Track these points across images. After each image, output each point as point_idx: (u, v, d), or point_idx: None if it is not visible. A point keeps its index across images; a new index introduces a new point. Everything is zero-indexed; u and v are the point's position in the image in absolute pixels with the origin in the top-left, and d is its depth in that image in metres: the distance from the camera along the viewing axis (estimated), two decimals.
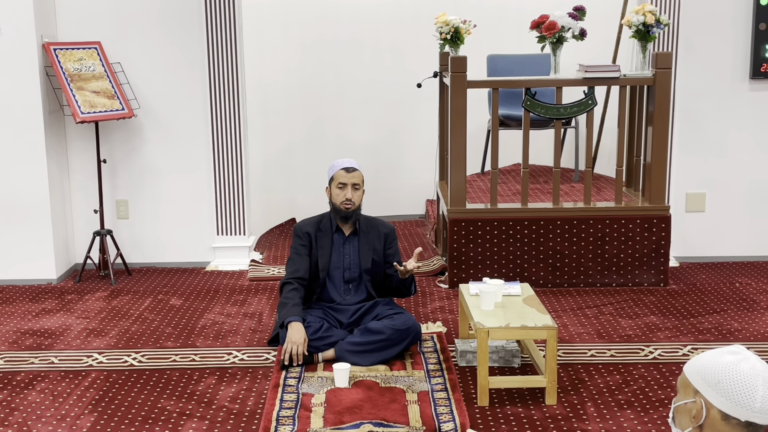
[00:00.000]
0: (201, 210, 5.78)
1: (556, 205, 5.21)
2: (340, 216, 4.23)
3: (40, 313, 4.89)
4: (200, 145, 5.70)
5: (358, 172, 4.21)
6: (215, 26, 5.54)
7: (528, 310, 3.82)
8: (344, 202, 4.18)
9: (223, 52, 5.57)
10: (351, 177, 4.19)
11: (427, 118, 6.75)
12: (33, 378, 3.97)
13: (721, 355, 1.83)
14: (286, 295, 4.18)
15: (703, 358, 1.85)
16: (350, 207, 4.19)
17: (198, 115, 5.67)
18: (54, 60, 5.27)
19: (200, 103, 5.65)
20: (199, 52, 5.59)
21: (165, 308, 4.95)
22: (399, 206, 7.00)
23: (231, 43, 5.56)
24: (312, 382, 3.80)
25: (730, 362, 1.80)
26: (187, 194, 5.77)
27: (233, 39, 5.56)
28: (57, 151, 5.54)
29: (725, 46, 5.54)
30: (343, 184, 4.19)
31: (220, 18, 5.53)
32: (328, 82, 6.91)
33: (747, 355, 1.82)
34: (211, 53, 5.57)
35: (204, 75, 5.61)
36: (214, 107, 5.63)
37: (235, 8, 5.53)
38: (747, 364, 1.80)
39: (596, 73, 5.12)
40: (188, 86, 5.64)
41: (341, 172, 4.20)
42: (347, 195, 4.17)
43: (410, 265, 4.07)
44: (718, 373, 1.80)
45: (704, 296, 5.03)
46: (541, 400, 3.65)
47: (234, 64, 5.59)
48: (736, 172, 5.68)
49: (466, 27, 5.26)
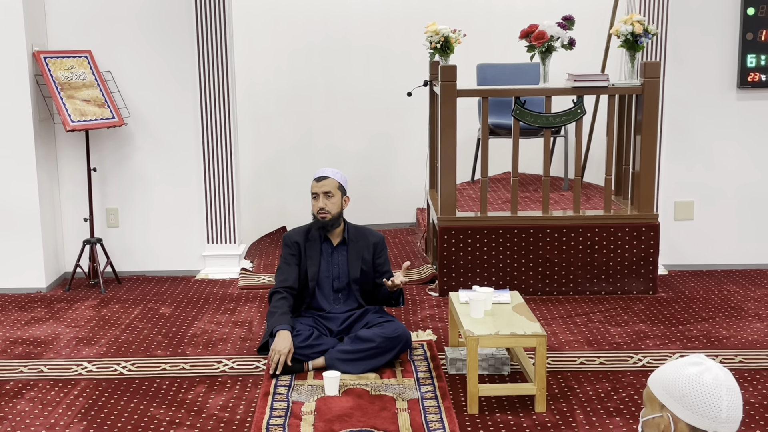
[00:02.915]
0: (191, 218, 5.78)
1: (546, 214, 5.23)
2: (318, 226, 4.24)
3: (29, 321, 4.88)
4: (190, 153, 5.70)
5: (329, 180, 4.19)
6: (206, 34, 5.55)
7: (517, 318, 3.83)
8: (319, 211, 4.19)
9: (214, 61, 5.58)
10: (321, 186, 4.18)
11: (417, 127, 6.77)
12: (22, 387, 3.96)
13: (683, 368, 1.83)
14: (274, 304, 4.18)
15: (666, 371, 1.85)
16: (326, 216, 4.18)
17: (188, 124, 5.67)
18: (44, 68, 5.27)
19: (191, 111, 5.65)
20: (190, 61, 5.60)
21: (155, 317, 4.94)
22: (389, 214, 7.01)
23: (221, 51, 5.57)
24: (302, 391, 3.80)
25: (693, 374, 1.81)
26: (177, 202, 5.76)
27: (224, 47, 5.57)
28: (47, 159, 5.53)
29: (713, 55, 5.58)
30: (315, 194, 4.19)
31: (211, 26, 5.54)
32: (319, 90, 6.93)
33: (708, 365, 1.83)
34: (202, 62, 5.57)
35: (194, 83, 5.61)
36: (204, 115, 5.63)
37: (225, 16, 5.54)
38: (709, 375, 1.80)
39: (585, 82, 5.15)
40: (179, 94, 5.65)
41: (313, 182, 4.22)
42: (319, 204, 4.17)
43: (398, 280, 4.07)
44: (682, 386, 1.80)
45: (693, 304, 5.05)
46: (530, 407, 3.66)
47: (224, 73, 5.60)
48: (724, 181, 5.71)
49: (456, 36, 5.28)
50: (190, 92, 5.63)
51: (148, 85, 5.63)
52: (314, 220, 4.26)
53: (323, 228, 4.23)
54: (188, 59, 5.60)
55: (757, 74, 5.53)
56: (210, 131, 5.65)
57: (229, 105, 5.64)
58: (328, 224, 4.21)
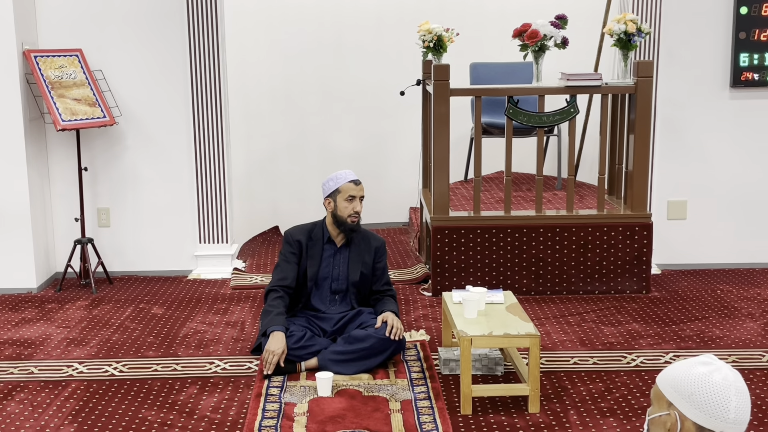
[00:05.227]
0: (183, 218, 5.75)
1: (539, 213, 5.22)
2: (345, 228, 4.22)
3: (19, 322, 4.85)
4: (182, 152, 5.67)
5: (362, 185, 4.24)
6: (197, 32, 5.52)
7: (511, 318, 3.82)
8: (352, 215, 4.18)
9: (205, 59, 5.55)
10: (360, 190, 4.21)
11: (410, 126, 6.75)
12: (12, 388, 3.93)
13: (692, 367, 1.83)
14: (270, 303, 4.16)
15: (675, 370, 1.85)
16: (357, 219, 4.21)
17: (180, 123, 5.65)
18: (34, 67, 5.23)
19: (182, 110, 5.63)
20: (181, 59, 5.57)
21: (146, 317, 4.91)
22: (382, 214, 6.99)
23: (213, 49, 5.54)
24: (294, 392, 3.79)
25: (702, 374, 1.80)
26: (169, 202, 5.73)
27: (215, 45, 5.54)
28: (37, 158, 5.50)
29: (706, 54, 5.58)
30: (352, 197, 4.19)
31: (202, 24, 5.51)
32: (312, 89, 6.91)
33: (719, 365, 1.83)
34: (193, 59, 5.55)
35: (186, 82, 5.58)
36: (196, 114, 5.60)
37: (217, 14, 5.51)
38: (719, 375, 1.80)
39: (578, 81, 5.14)
40: (170, 93, 5.62)
41: (350, 185, 4.19)
42: (356, 208, 4.18)
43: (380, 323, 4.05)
44: (691, 385, 1.80)
45: (686, 303, 5.05)
46: (524, 408, 3.65)
47: (216, 71, 5.57)
48: (718, 180, 5.71)
49: (449, 35, 5.27)
50: (182, 91, 5.60)
51: (140, 84, 5.60)
52: (335, 222, 4.22)
53: (351, 230, 4.23)
54: (180, 58, 5.57)
55: (750, 73, 5.53)
56: (202, 130, 5.62)
57: (221, 104, 5.62)
58: (357, 227, 4.24)
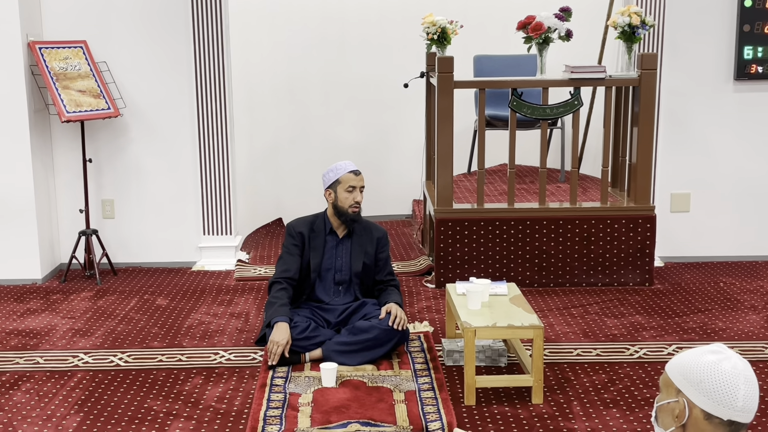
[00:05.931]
0: (187, 209, 5.77)
1: (542, 206, 5.23)
2: (347, 219, 4.23)
3: (25, 313, 4.87)
4: (186, 144, 5.68)
5: (362, 175, 4.25)
6: (202, 24, 5.52)
7: (514, 310, 3.84)
8: (353, 205, 4.19)
9: (210, 51, 5.55)
10: (360, 180, 4.22)
11: (413, 118, 6.75)
12: (18, 378, 3.95)
13: (702, 355, 1.84)
14: (274, 295, 4.17)
15: (685, 358, 1.86)
16: (357, 209, 4.22)
17: (184, 114, 5.65)
18: (39, 59, 5.24)
19: (186, 102, 5.64)
20: (186, 51, 5.58)
21: (151, 308, 4.93)
22: (386, 206, 7.00)
23: (217, 41, 5.55)
24: (299, 382, 3.80)
25: (712, 362, 1.82)
26: (173, 194, 5.75)
27: (220, 37, 5.55)
28: (42, 150, 5.51)
29: (710, 47, 5.58)
30: (352, 187, 4.20)
31: (207, 16, 5.51)
32: (315, 81, 6.91)
33: (728, 354, 1.84)
34: (198, 52, 5.55)
35: (190, 74, 5.59)
36: (200, 106, 5.61)
37: (221, 6, 5.52)
38: (728, 364, 1.81)
39: (582, 73, 5.14)
40: (174, 85, 5.63)
41: (350, 176, 4.20)
42: (356, 198, 4.19)
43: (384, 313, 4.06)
44: (700, 372, 1.81)
45: (689, 296, 5.06)
46: (527, 399, 3.67)
47: (220, 63, 5.57)
48: (721, 173, 5.72)
49: (453, 27, 5.26)
50: (186, 83, 5.61)
51: (144, 76, 5.61)
52: (337, 213, 4.23)
53: (352, 221, 4.24)
54: (184, 50, 5.58)
55: (754, 66, 5.53)
56: (206, 122, 5.63)
57: (225, 96, 5.62)
58: (358, 217, 4.24)
